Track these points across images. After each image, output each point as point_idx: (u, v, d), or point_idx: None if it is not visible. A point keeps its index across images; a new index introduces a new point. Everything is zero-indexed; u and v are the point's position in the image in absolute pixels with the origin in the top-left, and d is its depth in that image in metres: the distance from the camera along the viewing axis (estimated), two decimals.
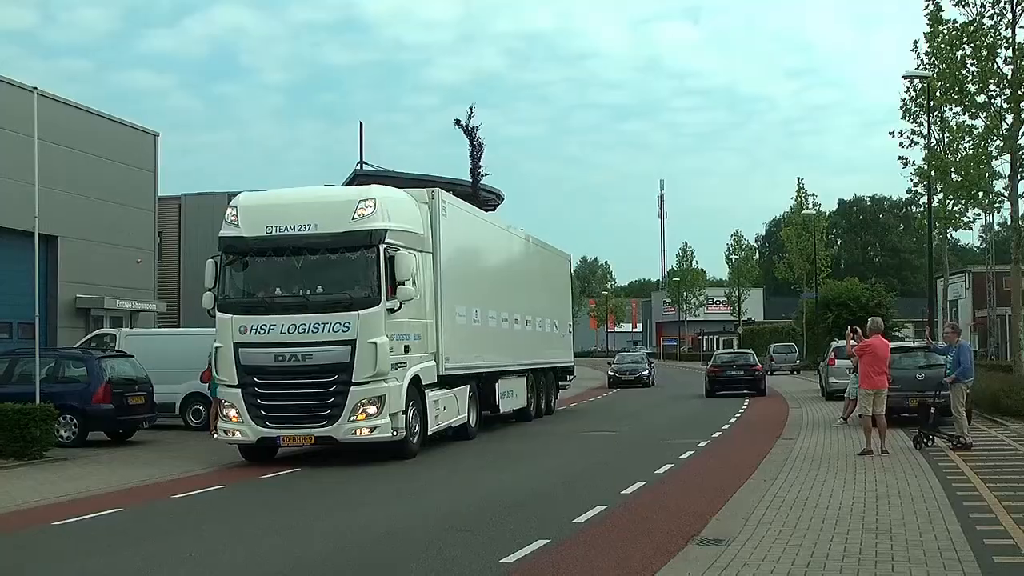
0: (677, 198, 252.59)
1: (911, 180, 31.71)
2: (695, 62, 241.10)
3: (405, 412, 18.07)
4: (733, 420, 26.83)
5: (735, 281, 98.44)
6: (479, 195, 47.57)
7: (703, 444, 20.42)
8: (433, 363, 19.80)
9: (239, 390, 18.07)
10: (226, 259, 18.56)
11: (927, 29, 27.77)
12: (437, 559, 9.84)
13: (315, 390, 17.76)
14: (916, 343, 27.05)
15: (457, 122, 48.56)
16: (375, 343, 17.52)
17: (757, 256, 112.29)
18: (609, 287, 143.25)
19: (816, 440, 20.09)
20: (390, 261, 17.80)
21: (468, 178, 48.17)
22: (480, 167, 48.22)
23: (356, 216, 17.97)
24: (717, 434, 22.78)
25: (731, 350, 53.98)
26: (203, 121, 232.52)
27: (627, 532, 11.03)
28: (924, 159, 30.40)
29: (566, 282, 36.25)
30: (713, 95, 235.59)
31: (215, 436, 19.16)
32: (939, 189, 30.98)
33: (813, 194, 72.92)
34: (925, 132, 31.22)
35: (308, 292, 18.19)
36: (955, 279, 46.01)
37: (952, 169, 28.10)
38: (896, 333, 49.58)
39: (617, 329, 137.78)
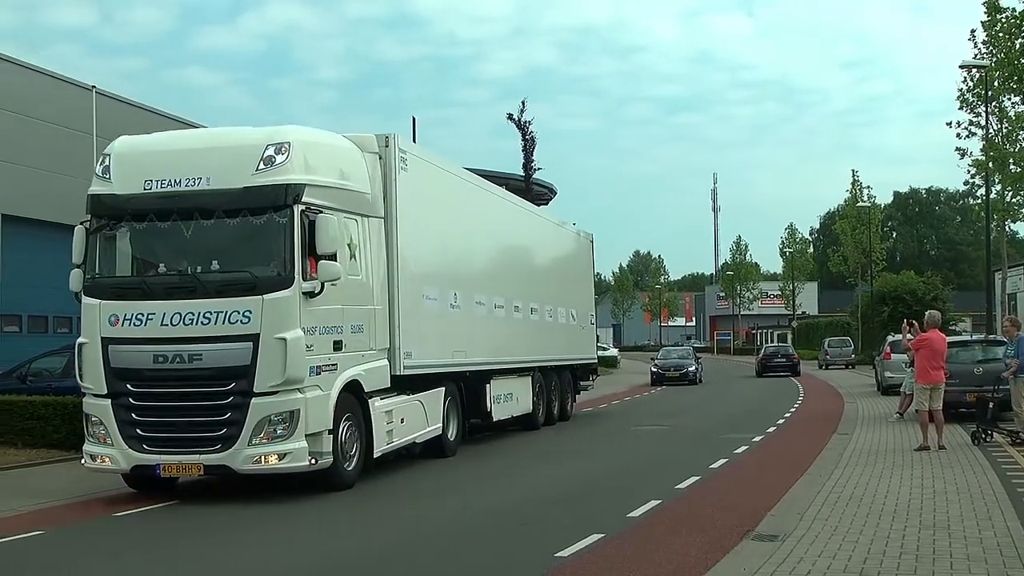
0: (730, 191, 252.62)
1: (968, 171, 31.28)
2: (748, 54, 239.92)
3: (334, 431, 13.74)
4: (788, 415, 26.67)
5: (789, 275, 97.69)
6: (531, 189, 47.80)
7: (757, 439, 20.32)
8: (384, 362, 15.42)
9: (108, 401, 13.72)
10: (94, 224, 14.20)
11: (985, 18, 27.45)
12: (489, 554, 9.87)
13: (205, 403, 13.39)
14: (975, 337, 26.77)
15: (509, 116, 48.87)
16: (284, 339, 13.10)
17: (811, 249, 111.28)
18: (662, 281, 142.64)
19: (872, 435, 19.92)
20: (310, 227, 13.42)
21: (521, 172, 48.39)
22: (532, 161, 48.47)
23: (261, 167, 13.51)
24: (772, 429, 22.65)
25: (775, 343, 69.42)
26: (256, 118, 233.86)
27: (682, 527, 11.01)
28: (982, 150, 30.04)
29: (588, 266, 30.72)
30: (766, 87, 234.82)
31: (82, 463, 14.48)
32: (997, 180, 30.52)
33: (868, 186, 72.01)
34: (983, 123, 30.77)
35: (199, 269, 13.70)
36: (1013, 272, 45.36)
37: (1011, 160, 27.76)
38: (953, 327, 49.05)
39: (671, 323, 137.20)
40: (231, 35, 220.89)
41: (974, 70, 30.70)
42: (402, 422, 16.01)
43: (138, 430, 13.61)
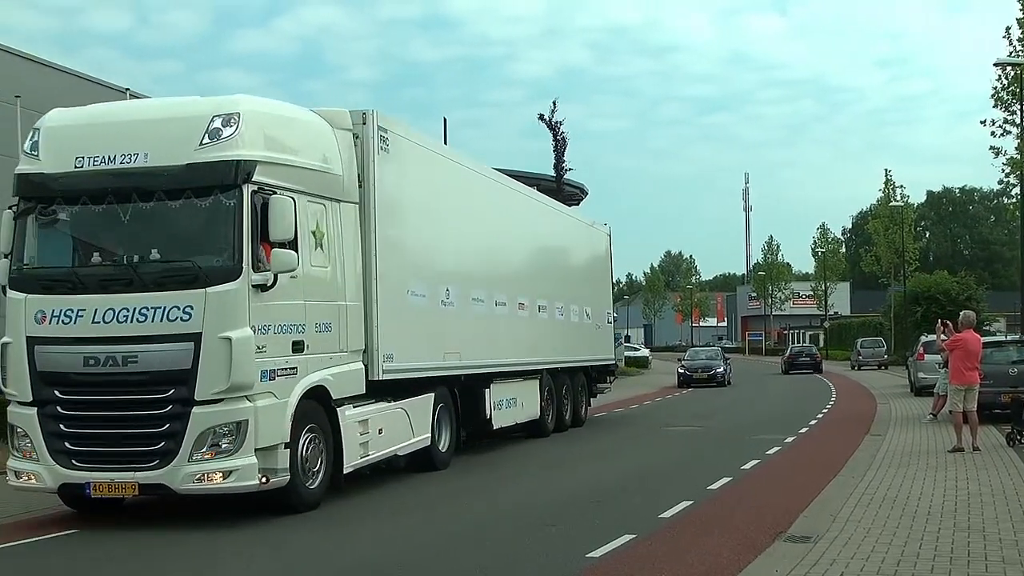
0: (762, 191, 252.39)
1: (1003, 170, 31.04)
2: (782, 53, 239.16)
3: (292, 444, 12.05)
4: (820, 416, 26.54)
5: (821, 275, 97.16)
6: (563, 190, 47.78)
7: (789, 440, 20.23)
8: (358, 365, 13.80)
9: (34, 410, 12.02)
10: (21, 208, 12.51)
11: (1020, 15, 27.21)
12: (524, 553, 9.88)
13: (140, 412, 11.73)
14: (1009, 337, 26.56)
15: (541, 116, 48.82)
16: (229, 339, 11.42)
17: (844, 249, 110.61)
18: (694, 281, 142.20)
19: (905, 437, 19.79)
20: (262, 210, 11.76)
21: (552, 173, 48.36)
22: (564, 161, 48.40)
23: (206, 141, 11.79)
24: (804, 430, 22.54)
25: (800, 344, 72.88)
26: None
27: (714, 528, 10.98)
28: (1017, 148, 29.77)
29: (604, 261, 28.41)
30: (800, 86, 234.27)
31: (8, 480, 12.67)
32: None
33: (901, 186, 71.48)
34: (1018, 121, 30.52)
35: (136, 259, 11.92)
36: None
37: None
38: (987, 327, 48.65)
39: (702, 323, 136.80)
40: (265, 37, 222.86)
41: (1009, 68, 30.45)
42: (380, 433, 14.22)
43: (66, 443, 11.89)
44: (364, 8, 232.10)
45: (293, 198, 12.20)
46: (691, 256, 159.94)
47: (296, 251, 12.12)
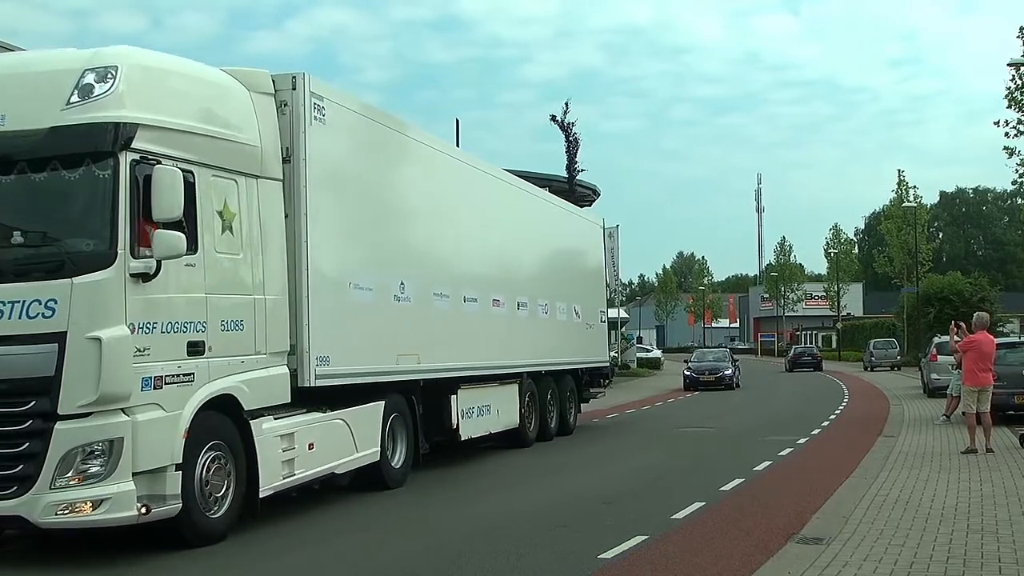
0: (775, 192, 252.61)
1: (1016, 171, 30.97)
2: (794, 54, 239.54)
3: (186, 466, 10.02)
4: (832, 417, 26.48)
5: (834, 276, 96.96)
6: (575, 191, 47.81)
7: (802, 441, 20.19)
8: (281, 370, 11.73)
9: None
10: None
11: None
12: (535, 555, 9.89)
13: None
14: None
15: (553, 118, 48.92)
16: (99, 339, 9.41)
17: (856, 250, 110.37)
18: (706, 282, 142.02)
19: (918, 438, 19.74)
20: (144, 184, 9.80)
21: (564, 174, 48.38)
22: (576, 163, 48.42)
23: (75, 99, 9.83)
24: (816, 431, 22.50)
25: (802, 346, 78.05)
26: None
27: (726, 529, 10.97)
28: None
29: (597, 255, 26.65)
30: (813, 87, 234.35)
31: None
32: None
33: (914, 186, 71.44)
34: None
35: None
36: None
37: None
38: (1001, 329, 48.51)
39: (714, 325, 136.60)
40: (278, 39, 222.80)
41: (1023, 68, 30.34)
42: (311, 448, 12.09)
43: None
44: (377, 10, 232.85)
45: (191, 171, 10.34)
46: (703, 257, 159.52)
47: (194, 234, 10.30)
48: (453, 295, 16.52)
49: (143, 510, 9.62)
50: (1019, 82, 30.95)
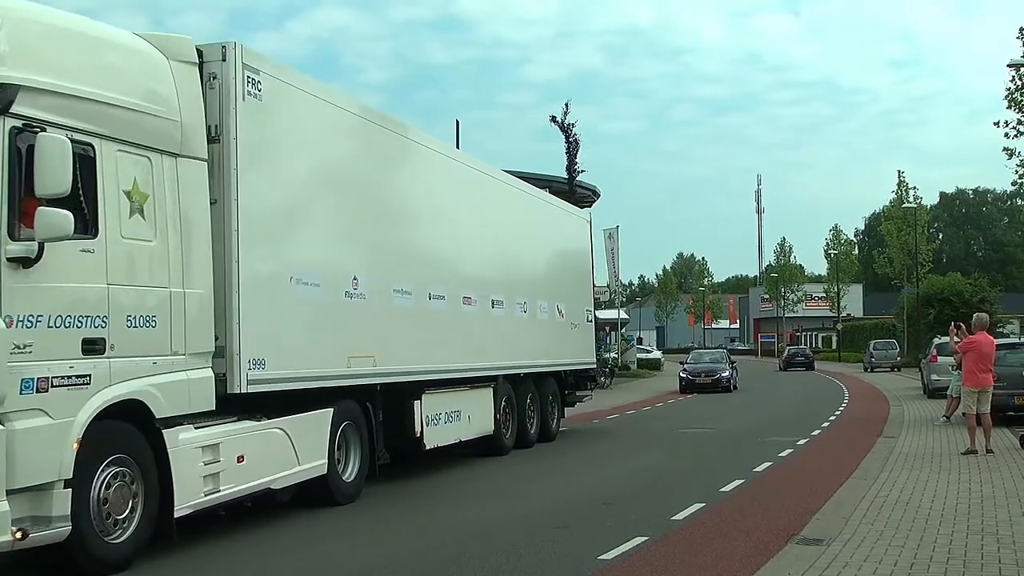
0: (775, 193, 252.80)
1: (1016, 172, 30.99)
2: (794, 54, 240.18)
3: (76, 483, 8.61)
4: (832, 418, 26.49)
5: (834, 276, 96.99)
6: (575, 192, 47.78)
7: (802, 442, 20.20)
8: (204, 373, 10.37)
9: None
10: None
11: None
12: (535, 556, 9.89)
13: None
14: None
15: (553, 119, 48.89)
16: None
17: (856, 251, 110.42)
18: (706, 283, 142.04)
19: (918, 439, 19.74)
20: (26, 155, 8.55)
21: (564, 175, 48.37)
22: (576, 163, 48.39)
23: None
24: (816, 432, 22.51)
25: (795, 347, 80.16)
26: None
27: (726, 530, 10.97)
28: None
29: (583, 252, 24.86)
30: (813, 87, 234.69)
31: None
32: None
33: (914, 187, 71.51)
34: None
35: None
36: None
37: None
38: (1001, 329, 48.54)
39: (715, 325, 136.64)
40: (279, 40, 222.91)
41: (1023, 69, 30.35)
42: (240, 461, 10.73)
43: None
44: (377, 10, 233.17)
45: (90, 144, 9.17)
46: (703, 258, 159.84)
47: (93, 215, 9.10)
48: (416, 292, 15.15)
49: (18, 535, 8.10)
50: (1019, 83, 30.97)
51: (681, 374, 43.29)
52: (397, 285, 14.60)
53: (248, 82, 11.22)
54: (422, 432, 15.27)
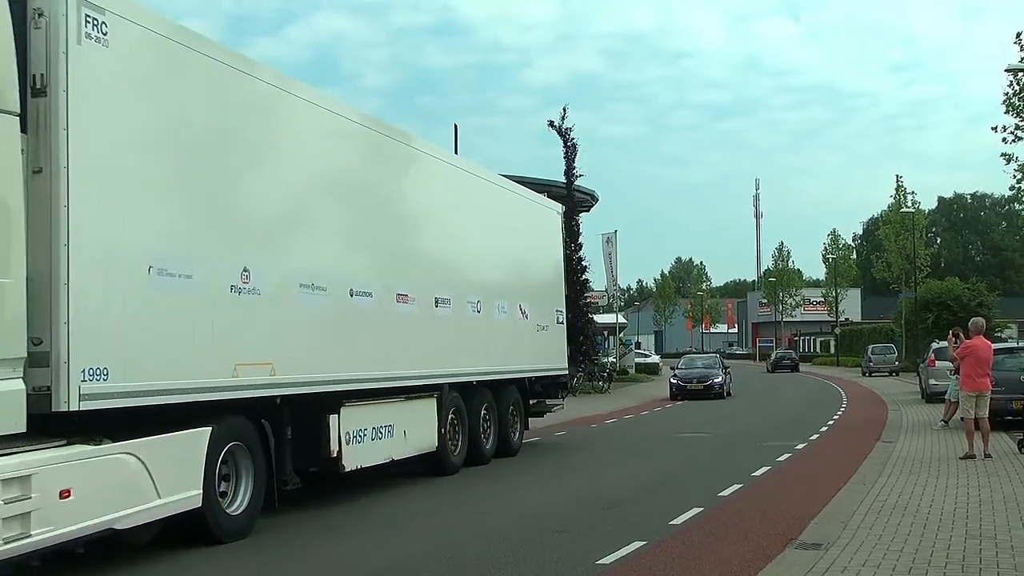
0: (774, 197, 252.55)
1: (1014, 176, 31.06)
2: (794, 59, 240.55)
3: None
4: (831, 423, 26.48)
5: (832, 281, 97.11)
6: (574, 196, 47.80)
7: (800, 447, 20.19)
8: (11, 384, 8.29)
9: None
10: None
11: None
12: (533, 561, 9.88)
13: None
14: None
15: (551, 123, 48.79)
16: None
17: (855, 255, 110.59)
18: (704, 288, 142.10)
19: (916, 443, 19.74)
20: None
21: (563, 179, 48.37)
22: (574, 168, 48.37)
23: None
24: (815, 436, 22.50)
25: (781, 351, 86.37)
26: None
27: (725, 535, 10.96)
28: None
29: (553, 247, 22.46)
30: (813, 92, 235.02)
31: None
32: None
33: (912, 192, 71.73)
34: None
35: None
36: None
37: None
38: (999, 334, 48.54)
39: (713, 330, 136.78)
40: (279, 45, 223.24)
41: (1021, 74, 30.41)
42: (65, 497, 8.34)
43: None
44: (377, 16, 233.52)
45: None
46: (702, 262, 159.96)
47: None
48: (333, 287, 12.83)
49: None
50: (1016, 88, 31.05)
51: (671, 380, 41.34)
52: (306, 279, 12.22)
53: (88, 22, 9.00)
54: (340, 451, 12.94)
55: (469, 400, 17.30)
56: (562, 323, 22.46)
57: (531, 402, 20.94)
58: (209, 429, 10.34)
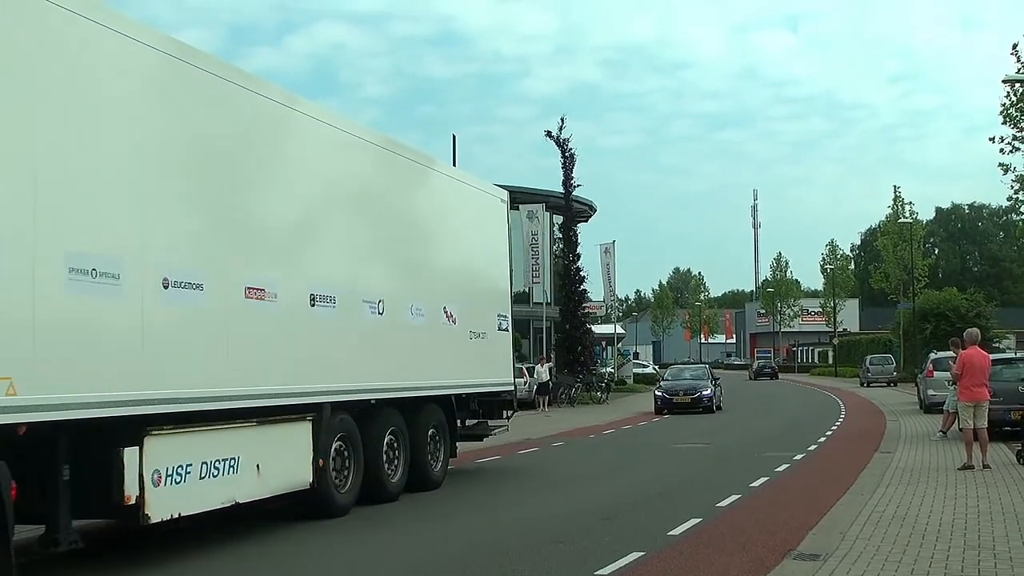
0: (772, 208, 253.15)
1: (1012, 187, 31.05)
2: (793, 69, 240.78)
3: None
4: (829, 433, 26.48)
5: (830, 291, 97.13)
6: (572, 206, 47.89)
7: (799, 457, 20.18)
8: None
9: None
10: None
11: None
12: (531, 571, 9.86)
13: None
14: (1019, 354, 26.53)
15: (548, 133, 48.91)
16: None
17: (853, 266, 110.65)
18: (702, 298, 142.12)
19: (915, 454, 19.73)
20: None
21: (562, 189, 48.47)
22: (572, 178, 48.49)
23: None
24: (813, 447, 22.49)
25: (763, 360, 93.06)
26: None
27: (723, 546, 10.94)
28: None
29: (498, 242, 18.98)
30: (811, 103, 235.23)
31: None
32: None
33: (910, 202, 71.70)
34: None
35: None
36: None
37: None
38: (996, 344, 48.53)
39: (711, 340, 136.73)
40: (279, 56, 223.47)
41: (1018, 84, 30.42)
42: None
43: None
44: (377, 26, 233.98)
45: None
46: (700, 273, 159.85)
47: None
48: (129, 274, 9.36)
49: None
50: (1013, 99, 31.06)
51: (656, 392, 38.66)
52: (82, 263, 8.79)
53: None
54: (141, 497, 9.45)
55: (366, 424, 14.05)
56: (506, 330, 18.88)
57: (468, 423, 18.07)
58: None
